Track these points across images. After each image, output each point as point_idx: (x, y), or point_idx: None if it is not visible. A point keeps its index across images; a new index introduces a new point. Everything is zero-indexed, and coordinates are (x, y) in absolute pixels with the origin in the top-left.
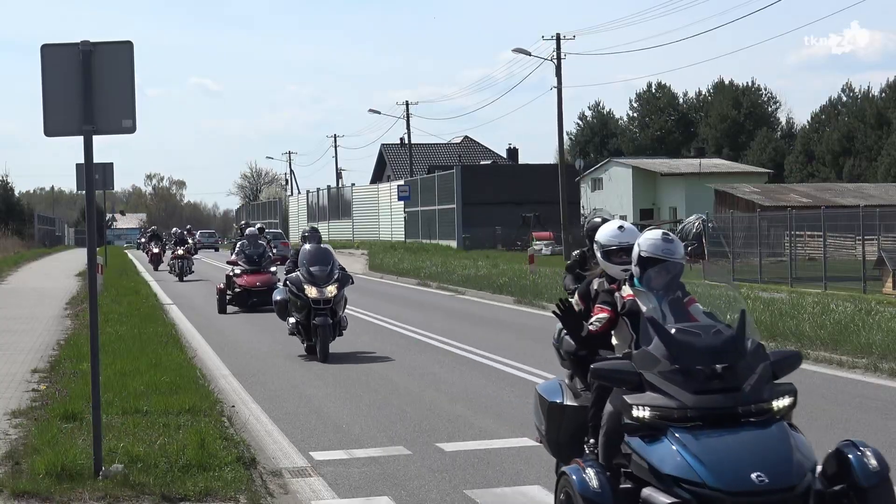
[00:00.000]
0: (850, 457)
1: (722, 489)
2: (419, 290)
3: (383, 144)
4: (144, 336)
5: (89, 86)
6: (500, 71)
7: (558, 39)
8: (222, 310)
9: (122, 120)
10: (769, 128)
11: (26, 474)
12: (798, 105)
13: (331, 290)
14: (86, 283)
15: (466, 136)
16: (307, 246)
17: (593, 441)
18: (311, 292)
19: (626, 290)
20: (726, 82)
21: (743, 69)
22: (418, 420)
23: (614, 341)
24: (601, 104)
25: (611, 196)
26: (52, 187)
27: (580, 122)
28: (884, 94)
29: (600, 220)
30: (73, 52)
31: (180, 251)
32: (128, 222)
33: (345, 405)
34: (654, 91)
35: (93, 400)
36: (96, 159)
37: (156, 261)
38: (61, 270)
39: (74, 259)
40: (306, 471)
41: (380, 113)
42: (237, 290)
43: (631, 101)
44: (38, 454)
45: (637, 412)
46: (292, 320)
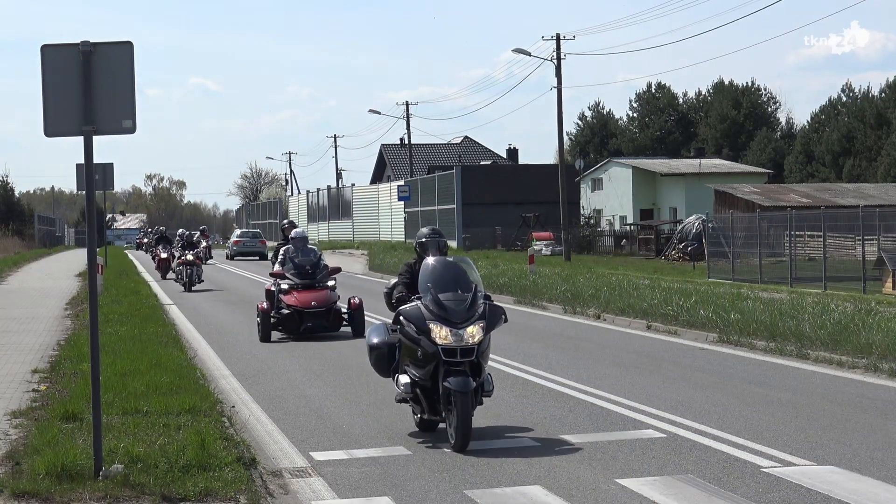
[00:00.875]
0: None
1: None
2: None
3: (383, 145)
4: (144, 336)
5: (89, 86)
6: (500, 71)
7: (558, 39)
8: (266, 337)
9: (122, 120)
10: (769, 128)
11: (26, 474)
12: (798, 105)
13: (473, 332)
14: (86, 283)
15: (466, 137)
16: (430, 260)
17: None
18: (442, 335)
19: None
20: (726, 82)
21: (743, 69)
22: None
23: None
24: (601, 104)
25: (611, 196)
26: (52, 187)
27: (580, 123)
28: (883, 94)
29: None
30: (73, 52)
31: (189, 256)
32: (128, 222)
33: (345, 405)
34: (654, 91)
35: (93, 400)
36: (96, 160)
37: (164, 267)
38: (61, 271)
39: (74, 259)
40: (306, 471)
41: (380, 113)
42: (285, 312)
43: (631, 101)
44: (38, 454)
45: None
46: (406, 380)
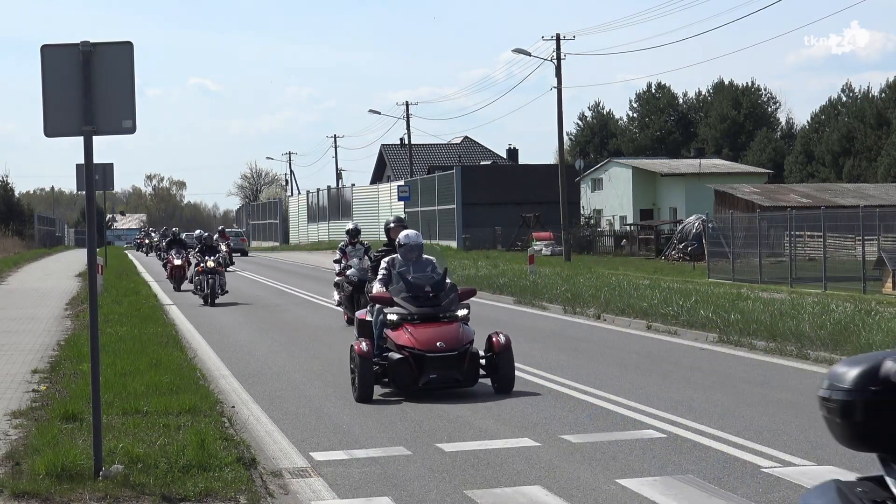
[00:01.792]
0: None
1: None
2: None
3: (383, 145)
4: (144, 336)
5: (89, 86)
6: (500, 71)
7: (558, 40)
8: (365, 396)
9: (122, 120)
10: (769, 128)
11: (26, 475)
12: (798, 105)
13: None
14: (86, 283)
15: (466, 137)
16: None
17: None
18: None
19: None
20: (726, 82)
21: (743, 69)
22: (418, 420)
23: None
24: (601, 104)
25: (611, 196)
26: (52, 188)
27: (580, 123)
28: (883, 95)
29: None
30: (73, 53)
31: (210, 263)
32: (128, 223)
33: (345, 405)
34: (653, 91)
35: (93, 400)
36: (96, 160)
37: (178, 277)
38: (61, 271)
39: (74, 259)
40: (306, 471)
41: (380, 113)
42: (395, 357)
43: (631, 101)
44: (38, 454)
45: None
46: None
